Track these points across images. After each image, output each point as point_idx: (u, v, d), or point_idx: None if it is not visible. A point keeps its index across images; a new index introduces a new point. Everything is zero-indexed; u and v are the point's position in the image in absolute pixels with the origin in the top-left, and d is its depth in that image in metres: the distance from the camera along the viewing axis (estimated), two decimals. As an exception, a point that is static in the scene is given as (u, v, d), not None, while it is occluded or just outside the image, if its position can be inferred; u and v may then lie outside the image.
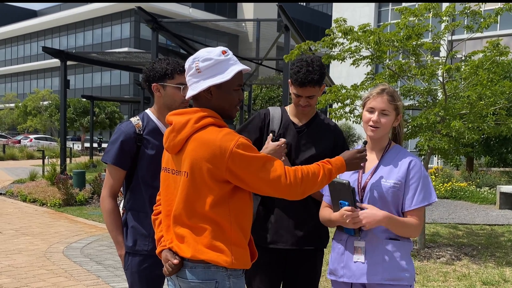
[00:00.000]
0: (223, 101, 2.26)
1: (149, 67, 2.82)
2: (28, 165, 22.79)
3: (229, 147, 2.10)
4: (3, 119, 55.72)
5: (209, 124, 2.20)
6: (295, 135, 2.98)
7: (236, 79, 2.25)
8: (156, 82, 2.79)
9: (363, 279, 2.55)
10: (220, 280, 2.18)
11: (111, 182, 2.82)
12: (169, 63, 2.79)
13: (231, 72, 2.21)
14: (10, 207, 10.92)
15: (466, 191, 14.17)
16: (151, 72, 2.79)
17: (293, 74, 2.84)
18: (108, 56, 16.51)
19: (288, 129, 2.98)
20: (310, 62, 2.83)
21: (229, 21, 54.83)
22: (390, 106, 2.59)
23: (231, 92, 2.26)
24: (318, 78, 2.81)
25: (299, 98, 2.88)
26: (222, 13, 56.75)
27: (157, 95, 2.82)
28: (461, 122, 6.58)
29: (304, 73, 2.79)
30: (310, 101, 2.89)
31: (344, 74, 29.68)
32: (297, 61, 2.86)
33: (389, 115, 2.59)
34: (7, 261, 6.29)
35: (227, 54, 2.24)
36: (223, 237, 2.17)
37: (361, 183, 2.62)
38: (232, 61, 2.24)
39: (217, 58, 2.21)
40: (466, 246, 7.71)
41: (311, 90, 2.84)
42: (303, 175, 2.21)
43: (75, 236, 7.98)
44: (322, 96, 7.86)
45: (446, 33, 7.43)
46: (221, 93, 2.24)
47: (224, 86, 2.23)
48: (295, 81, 2.83)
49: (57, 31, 59.09)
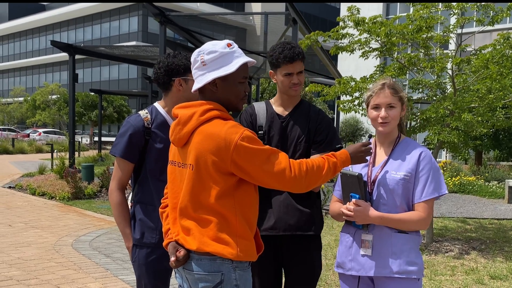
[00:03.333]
0: (229, 94, 2.26)
1: (169, 61, 2.78)
2: (37, 159, 22.93)
3: (234, 139, 2.11)
4: (12, 113, 56.03)
5: (214, 117, 2.20)
6: (280, 126, 3.01)
7: (242, 72, 2.25)
8: (179, 76, 2.78)
9: (371, 272, 2.54)
10: (226, 272, 2.19)
11: (119, 175, 2.83)
12: (188, 58, 2.78)
13: (236, 64, 2.21)
14: (19, 200, 10.99)
15: (474, 185, 14.11)
16: (173, 66, 2.77)
17: (278, 56, 2.88)
18: (116, 50, 16.55)
19: (274, 122, 3.03)
20: (288, 42, 2.94)
21: (237, 14, 54.69)
22: (394, 99, 2.59)
23: (236, 85, 2.26)
24: (302, 51, 2.92)
25: (290, 77, 2.91)
26: (229, 6, 56.62)
27: (178, 89, 2.81)
28: (471, 115, 6.54)
29: (290, 49, 2.88)
30: (300, 78, 2.94)
31: (352, 68, 29.55)
32: (276, 46, 2.94)
33: (395, 107, 2.59)
34: (17, 253, 6.33)
35: (232, 46, 2.24)
36: (228, 229, 2.18)
37: (371, 176, 2.61)
38: (237, 54, 2.24)
39: (222, 51, 2.21)
40: (475, 240, 7.68)
41: (300, 64, 2.91)
42: (308, 168, 2.21)
43: (84, 229, 8.02)
44: (331, 87, 7.84)
45: (457, 26, 7.37)
46: (226, 85, 2.25)
47: (229, 78, 2.23)
48: (284, 59, 2.87)
49: (66, 25, 59.23)
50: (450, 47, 8.99)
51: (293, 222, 2.93)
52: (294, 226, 2.93)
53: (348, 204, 2.55)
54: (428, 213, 2.54)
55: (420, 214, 2.53)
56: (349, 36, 7.60)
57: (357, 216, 2.50)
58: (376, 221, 2.50)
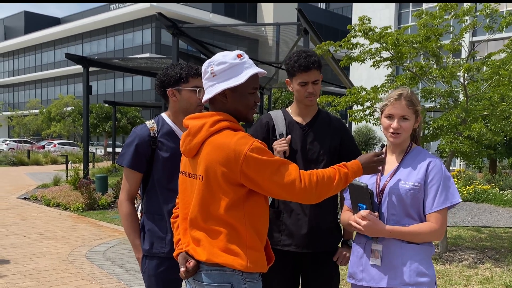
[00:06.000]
0: (239, 104, 2.27)
1: (163, 73, 2.84)
2: (52, 170, 23.12)
3: (244, 150, 2.10)
4: (28, 125, 56.66)
5: (224, 128, 2.20)
6: (301, 134, 2.96)
7: (251, 82, 2.25)
8: (171, 87, 2.81)
9: (381, 283, 2.52)
10: (235, 284, 2.18)
11: (128, 186, 2.85)
12: (183, 68, 2.81)
13: (246, 75, 2.21)
14: (34, 211, 11.10)
15: (489, 194, 13.98)
16: (165, 78, 2.81)
17: (293, 64, 2.87)
18: (129, 62, 16.70)
19: (293, 129, 2.97)
20: (304, 51, 2.90)
21: (249, 25, 54.88)
22: (409, 111, 2.55)
23: (246, 95, 2.26)
24: (318, 60, 2.88)
25: (305, 87, 2.88)
26: (242, 17, 56.88)
27: (173, 100, 2.84)
28: (483, 124, 6.50)
29: (305, 58, 2.84)
30: (316, 87, 2.89)
31: (364, 77, 29.52)
32: (292, 54, 2.92)
33: (409, 120, 2.56)
34: (31, 264, 6.40)
35: (243, 57, 2.24)
36: (238, 241, 2.17)
37: (380, 185, 2.59)
38: (247, 65, 2.24)
39: (231, 62, 2.21)
40: (489, 249, 7.60)
41: (316, 73, 2.87)
42: (318, 179, 2.19)
43: (98, 239, 8.08)
44: (342, 98, 7.85)
45: (466, 32, 7.34)
46: (236, 96, 2.25)
47: (239, 89, 2.24)
48: (299, 68, 2.85)
49: (80, 38, 59.91)
50: (462, 56, 8.96)
51: (313, 238, 2.90)
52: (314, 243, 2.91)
53: (356, 216, 2.55)
54: (441, 223, 2.49)
55: (432, 225, 2.48)
56: (360, 46, 7.61)
57: (366, 230, 2.49)
58: (385, 234, 2.48)
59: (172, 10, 47.20)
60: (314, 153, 2.94)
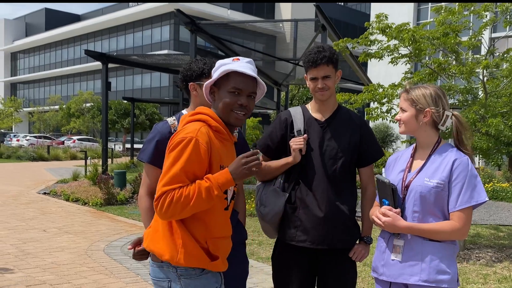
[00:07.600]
0: (219, 102, 2.34)
1: (186, 67, 2.88)
2: (71, 166, 23.40)
3: (176, 133, 2.25)
4: (48, 121, 57.35)
5: (197, 120, 2.31)
6: (319, 130, 2.94)
7: (232, 81, 2.30)
8: (193, 81, 2.85)
9: (400, 279, 2.52)
10: (173, 279, 2.26)
11: (148, 181, 2.87)
12: (206, 63, 2.85)
13: (219, 71, 2.31)
14: (53, 206, 11.25)
15: (508, 192, 13.82)
16: (188, 72, 2.85)
17: (305, 60, 2.89)
18: (148, 59, 16.80)
19: (312, 126, 2.96)
20: (320, 46, 2.91)
21: (267, 22, 54.84)
22: (405, 103, 2.60)
23: (225, 94, 2.31)
24: (329, 55, 2.84)
25: (316, 82, 2.87)
26: (260, 14, 56.83)
27: (194, 94, 2.87)
28: (501, 120, 6.43)
29: (315, 53, 2.83)
30: (327, 82, 2.86)
31: (382, 74, 29.28)
32: (308, 50, 2.93)
33: (407, 111, 2.59)
34: (51, 258, 6.49)
35: (237, 60, 2.33)
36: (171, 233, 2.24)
37: (405, 182, 2.57)
38: (234, 65, 2.30)
39: (221, 63, 2.34)
40: (508, 248, 7.52)
41: (325, 69, 2.84)
42: (173, 200, 2.13)
43: (116, 234, 8.17)
44: (359, 95, 7.82)
45: (485, 28, 7.26)
46: (218, 94, 2.35)
47: (221, 86, 2.33)
48: (308, 63, 2.85)
49: (99, 35, 60.41)
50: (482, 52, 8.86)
51: (329, 234, 2.89)
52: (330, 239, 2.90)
53: (377, 211, 2.55)
54: (464, 222, 2.45)
55: (454, 224, 2.45)
56: (378, 43, 7.57)
57: (386, 226, 2.49)
58: (405, 231, 2.48)
59: (190, 7, 47.32)
60: (332, 150, 2.91)
